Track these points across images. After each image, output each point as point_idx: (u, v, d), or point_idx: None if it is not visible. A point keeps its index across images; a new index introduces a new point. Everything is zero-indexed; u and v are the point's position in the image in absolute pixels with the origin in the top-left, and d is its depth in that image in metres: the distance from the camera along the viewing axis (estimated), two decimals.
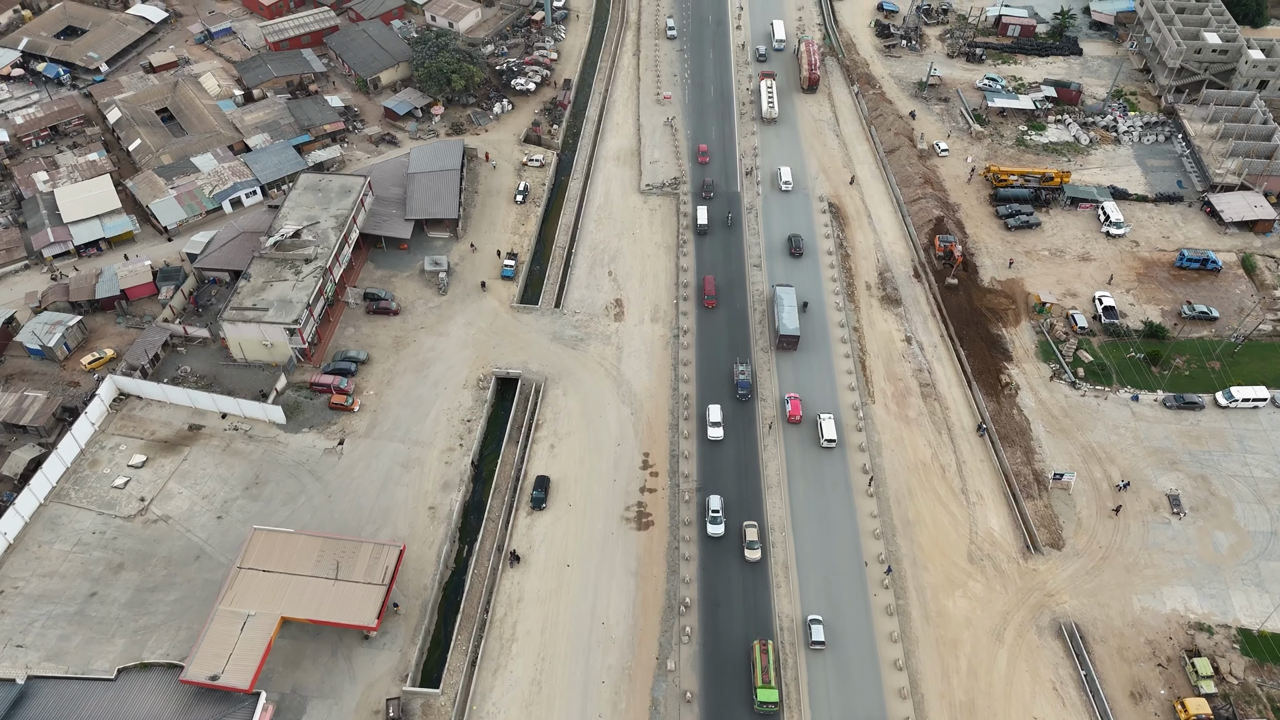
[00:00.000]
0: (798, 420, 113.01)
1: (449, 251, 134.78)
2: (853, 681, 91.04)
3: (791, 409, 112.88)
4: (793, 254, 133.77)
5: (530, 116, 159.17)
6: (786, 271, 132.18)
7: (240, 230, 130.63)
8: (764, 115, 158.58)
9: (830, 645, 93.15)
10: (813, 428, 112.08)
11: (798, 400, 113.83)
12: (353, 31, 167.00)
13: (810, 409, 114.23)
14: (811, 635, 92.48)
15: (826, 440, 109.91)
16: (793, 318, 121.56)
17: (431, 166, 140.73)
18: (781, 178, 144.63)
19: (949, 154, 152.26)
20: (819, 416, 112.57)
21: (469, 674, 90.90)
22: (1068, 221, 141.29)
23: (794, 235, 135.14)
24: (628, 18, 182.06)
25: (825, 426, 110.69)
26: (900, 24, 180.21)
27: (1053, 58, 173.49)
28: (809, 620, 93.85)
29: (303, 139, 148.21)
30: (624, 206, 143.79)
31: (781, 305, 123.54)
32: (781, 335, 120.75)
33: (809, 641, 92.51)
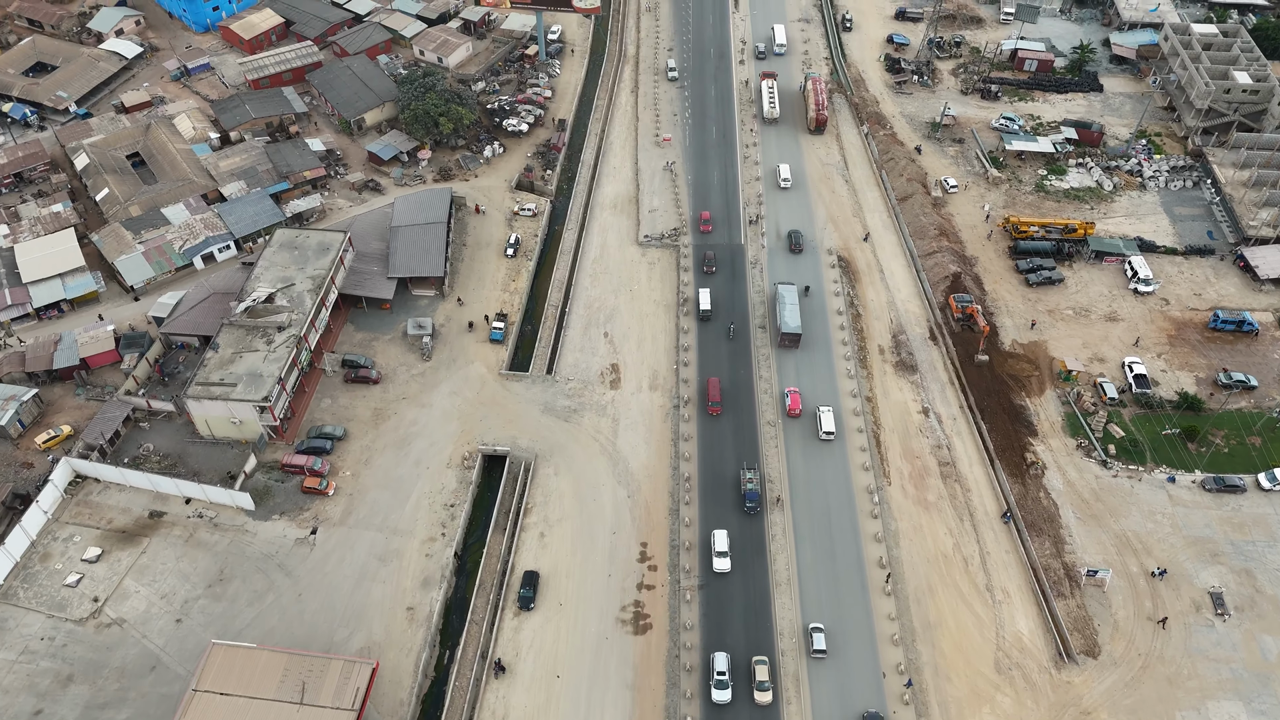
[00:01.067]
0: (797, 414, 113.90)
1: (434, 311, 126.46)
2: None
3: (791, 403, 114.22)
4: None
5: (523, 160, 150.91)
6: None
7: (211, 290, 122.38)
8: (765, 115, 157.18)
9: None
10: (827, 536, 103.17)
11: (797, 394, 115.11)
12: (336, 68, 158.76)
13: (820, 494, 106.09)
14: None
15: (825, 433, 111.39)
16: (794, 315, 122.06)
17: (416, 219, 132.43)
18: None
19: (958, 190, 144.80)
20: (818, 409, 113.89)
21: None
22: (1092, 277, 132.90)
23: (797, 285, 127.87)
24: (625, 51, 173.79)
25: (824, 419, 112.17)
26: (911, 58, 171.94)
27: (1072, 94, 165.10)
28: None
29: (281, 186, 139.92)
30: (621, 260, 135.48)
31: (784, 303, 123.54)
32: (783, 334, 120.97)
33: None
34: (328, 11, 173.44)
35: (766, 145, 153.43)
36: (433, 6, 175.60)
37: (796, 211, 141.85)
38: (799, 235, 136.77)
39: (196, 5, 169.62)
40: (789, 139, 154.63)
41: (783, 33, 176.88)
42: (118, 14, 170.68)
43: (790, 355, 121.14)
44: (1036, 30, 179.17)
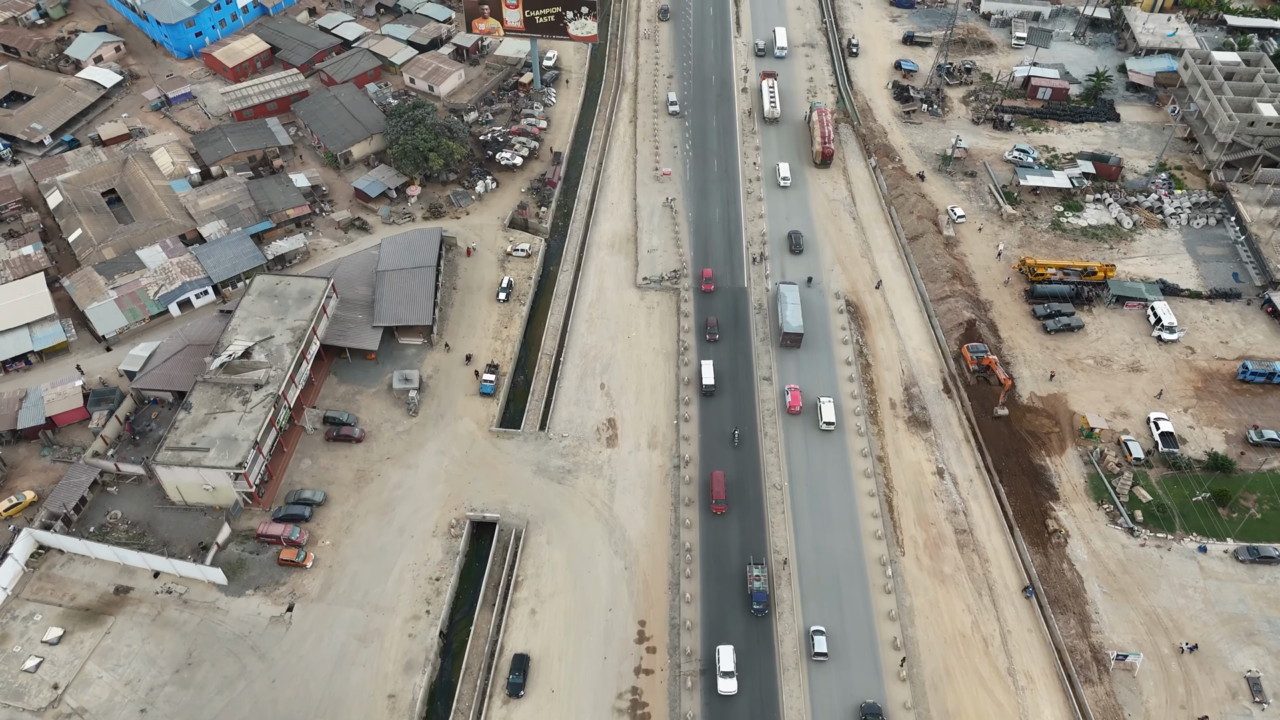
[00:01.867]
0: (797, 411, 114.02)
1: (422, 361, 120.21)
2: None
3: (791, 400, 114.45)
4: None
5: (516, 196, 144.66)
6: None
7: (186, 341, 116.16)
8: (765, 115, 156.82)
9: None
10: (837, 613, 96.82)
11: (797, 391, 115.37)
12: (323, 99, 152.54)
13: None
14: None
15: (825, 423, 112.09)
16: (796, 315, 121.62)
17: (404, 263, 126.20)
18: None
19: (965, 220, 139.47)
20: (819, 400, 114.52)
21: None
22: (1114, 323, 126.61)
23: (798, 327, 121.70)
24: (624, 78, 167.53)
25: (824, 410, 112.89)
26: (920, 86, 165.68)
27: (1088, 124, 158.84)
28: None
29: (263, 226, 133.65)
30: (619, 304, 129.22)
31: (785, 302, 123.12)
32: (785, 333, 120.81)
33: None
34: (315, 37, 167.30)
35: (770, 182, 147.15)
36: (424, 32, 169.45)
37: (802, 251, 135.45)
38: (799, 236, 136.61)
39: (178, 31, 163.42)
40: (794, 172, 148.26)
41: (784, 35, 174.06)
42: (97, 40, 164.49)
43: (796, 420, 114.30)
44: (1049, 55, 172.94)
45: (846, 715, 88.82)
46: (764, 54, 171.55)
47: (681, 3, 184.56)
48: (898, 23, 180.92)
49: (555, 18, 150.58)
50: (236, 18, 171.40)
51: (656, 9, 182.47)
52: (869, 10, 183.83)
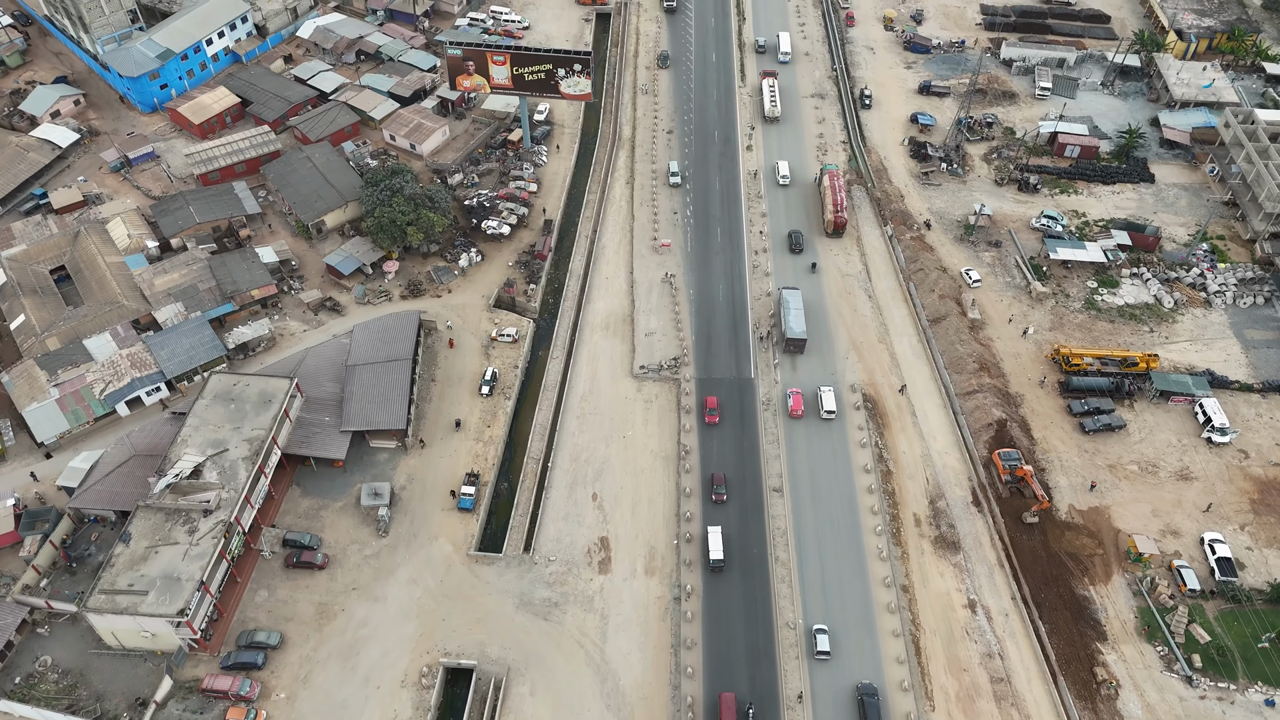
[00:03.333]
0: (799, 415, 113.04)
1: (395, 468, 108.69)
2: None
3: (794, 404, 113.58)
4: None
5: (503, 270, 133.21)
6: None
7: (132, 451, 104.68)
8: (766, 114, 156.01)
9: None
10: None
11: (799, 395, 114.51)
12: (295, 160, 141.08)
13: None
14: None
15: (826, 412, 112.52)
16: (799, 321, 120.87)
17: (376, 355, 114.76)
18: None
19: (981, 285, 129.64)
20: (819, 389, 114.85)
21: None
22: (1158, 421, 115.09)
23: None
24: (620, 134, 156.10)
25: (825, 399, 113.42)
26: (939, 142, 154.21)
27: (1120, 186, 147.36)
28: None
29: (225, 309, 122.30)
30: (613, 396, 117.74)
31: (788, 308, 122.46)
32: (789, 339, 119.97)
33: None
34: (289, 89, 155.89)
35: (778, 254, 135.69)
36: (406, 83, 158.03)
37: (813, 334, 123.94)
38: (799, 235, 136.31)
39: (142, 83, 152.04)
40: (804, 242, 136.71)
41: (787, 40, 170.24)
42: (55, 93, 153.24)
43: (810, 541, 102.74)
44: (1076, 107, 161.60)
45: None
46: (764, 50, 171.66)
47: (682, 48, 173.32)
48: (913, 70, 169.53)
49: (546, 75, 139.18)
50: (206, 67, 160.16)
51: (655, 55, 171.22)
52: (882, 56, 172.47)
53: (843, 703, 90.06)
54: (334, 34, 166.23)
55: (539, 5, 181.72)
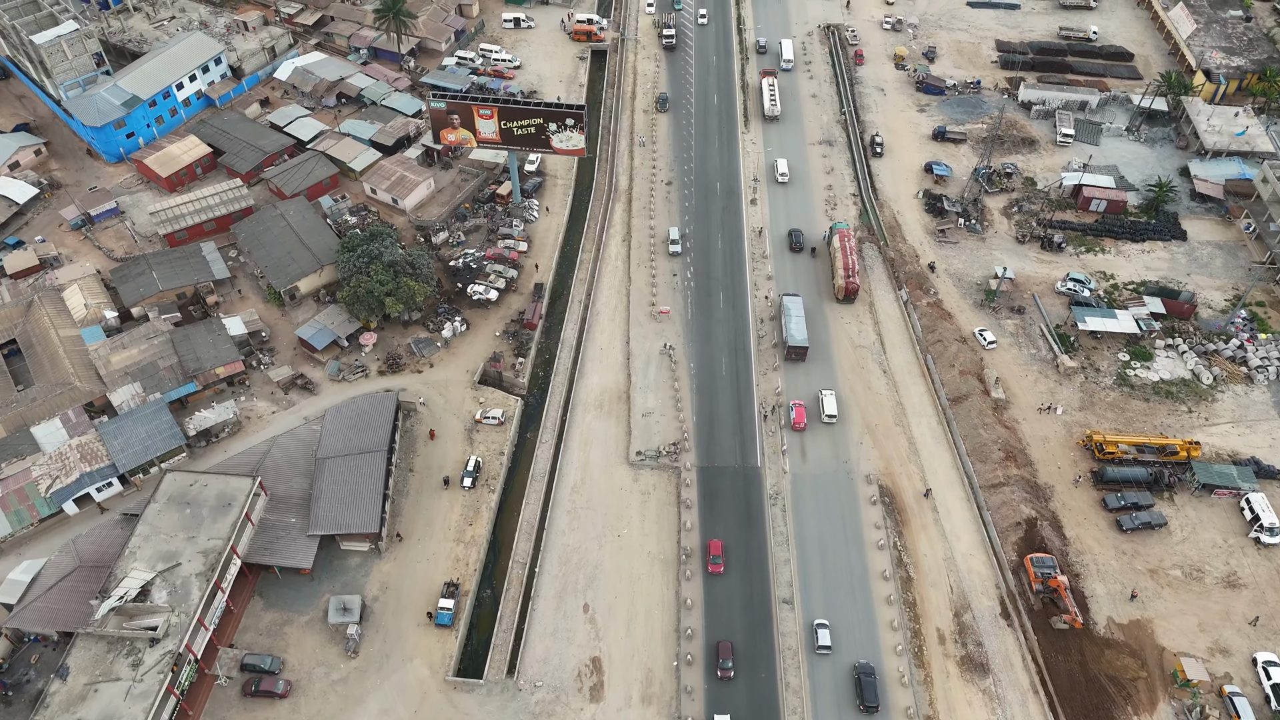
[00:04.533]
0: (802, 428, 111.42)
1: (367, 576, 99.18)
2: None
3: (796, 416, 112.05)
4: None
5: (489, 341, 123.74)
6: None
7: (78, 561, 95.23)
8: (765, 113, 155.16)
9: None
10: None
11: (802, 408, 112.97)
12: (268, 218, 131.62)
13: None
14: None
15: (828, 416, 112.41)
16: (801, 328, 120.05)
17: (349, 446, 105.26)
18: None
19: (996, 347, 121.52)
20: (820, 392, 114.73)
21: None
22: (1201, 518, 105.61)
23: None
24: (616, 185, 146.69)
25: (826, 402, 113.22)
26: (955, 194, 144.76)
27: (1150, 244, 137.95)
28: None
29: (187, 389, 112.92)
30: (607, 487, 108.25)
31: (789, 315, 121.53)
32: (790, 346, 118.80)
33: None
34: (264, 137, 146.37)
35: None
36: (389, 130, 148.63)
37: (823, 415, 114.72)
38: (799, 234, 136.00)
39: (106, 133, 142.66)
40: (813, 308, 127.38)
41: (790, 48, 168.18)
42: (14, 142, 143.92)
43: (825, 690, 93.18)
44: (1100, 153, 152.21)
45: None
46: (764, 50, 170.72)
47: (681, 90, 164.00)
48: (926, 113, 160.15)
49: (536, 129, 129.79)
50: (176, 113, 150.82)
51: (654, 98, 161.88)
52: (893, 98, 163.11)
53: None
54: (313, 76, 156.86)
55: (531, 42, 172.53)
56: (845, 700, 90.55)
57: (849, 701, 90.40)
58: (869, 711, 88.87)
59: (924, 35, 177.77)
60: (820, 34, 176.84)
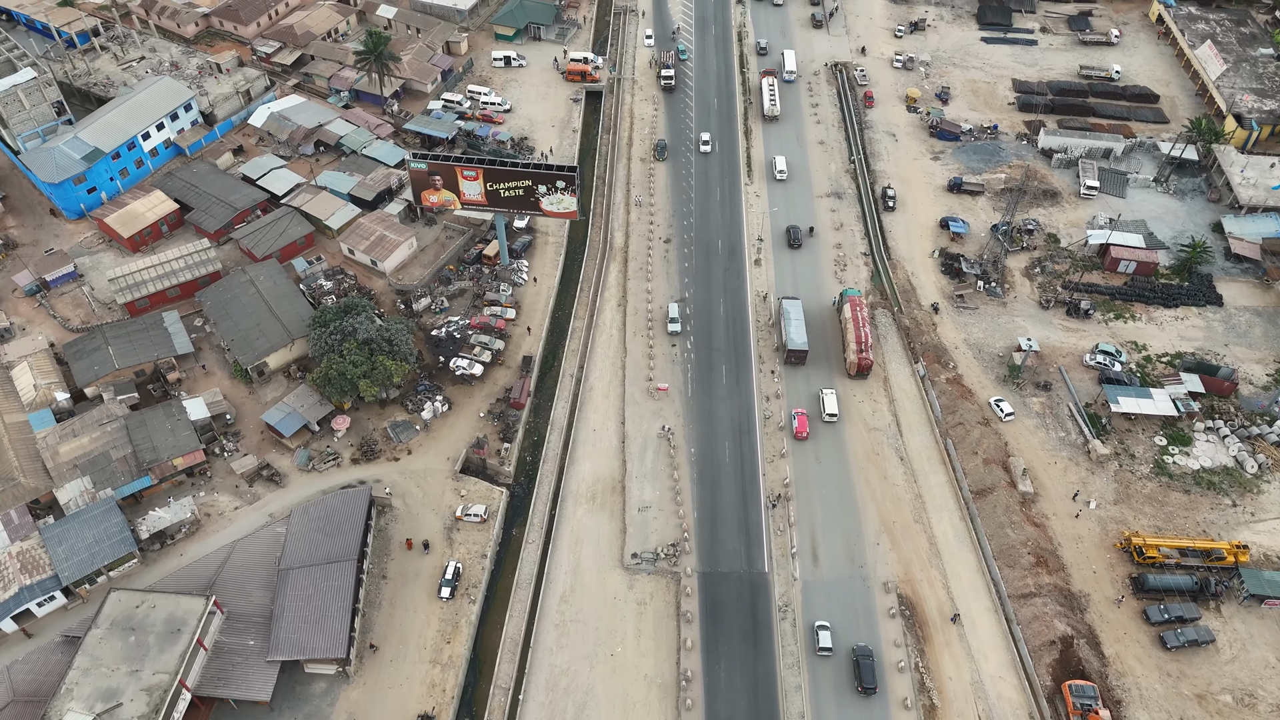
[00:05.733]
0: (804, 437, 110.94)
1: (333, 706, 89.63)
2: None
3: (799, 425, 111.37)
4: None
5: (473, 422, 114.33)
6: None
7: (11, 694, 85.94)
8: (765, 113, 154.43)
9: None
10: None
11: (804, 416, 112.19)
12: (236, 285, 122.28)
13: None
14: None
15: (828, 415, 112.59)
16: (800, 331, 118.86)
17: (315, 554, 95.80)
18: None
19: (1014, 419, 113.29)
20: (820, 390, 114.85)
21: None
22: (1252, 632, 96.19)
23: None
24: (611, 242, 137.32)
25: (826, 400, 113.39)
26: (974, 254, 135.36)
27: (1183, 309, 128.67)
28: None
29: (141, 484, 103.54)
30: (600, 595, 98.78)
31: (789, 318, 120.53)
32: (790, 350, 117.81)
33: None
34: (234, 192, 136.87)
35: (793, 397, 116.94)
36: (369, 182, 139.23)
37: (834, 507, 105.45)
38: (797, 231, 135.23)
39: (66, 188, 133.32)
40: (822, 385, 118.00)
41: (792, 59, 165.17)
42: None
43: None
44: (1126, 206, 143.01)
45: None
46: (765, 51, 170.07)
47: (681, 135, 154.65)
48: (940, 161, 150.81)
49: (525, 192, 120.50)
50: (142, 164, 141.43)
51: (652, 145, 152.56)
52: (905, 144, 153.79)
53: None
54: (289, 122, 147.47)
55: (522, 83, 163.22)
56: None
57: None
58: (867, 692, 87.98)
59: (937, 74, 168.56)
60: (828, 73, 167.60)
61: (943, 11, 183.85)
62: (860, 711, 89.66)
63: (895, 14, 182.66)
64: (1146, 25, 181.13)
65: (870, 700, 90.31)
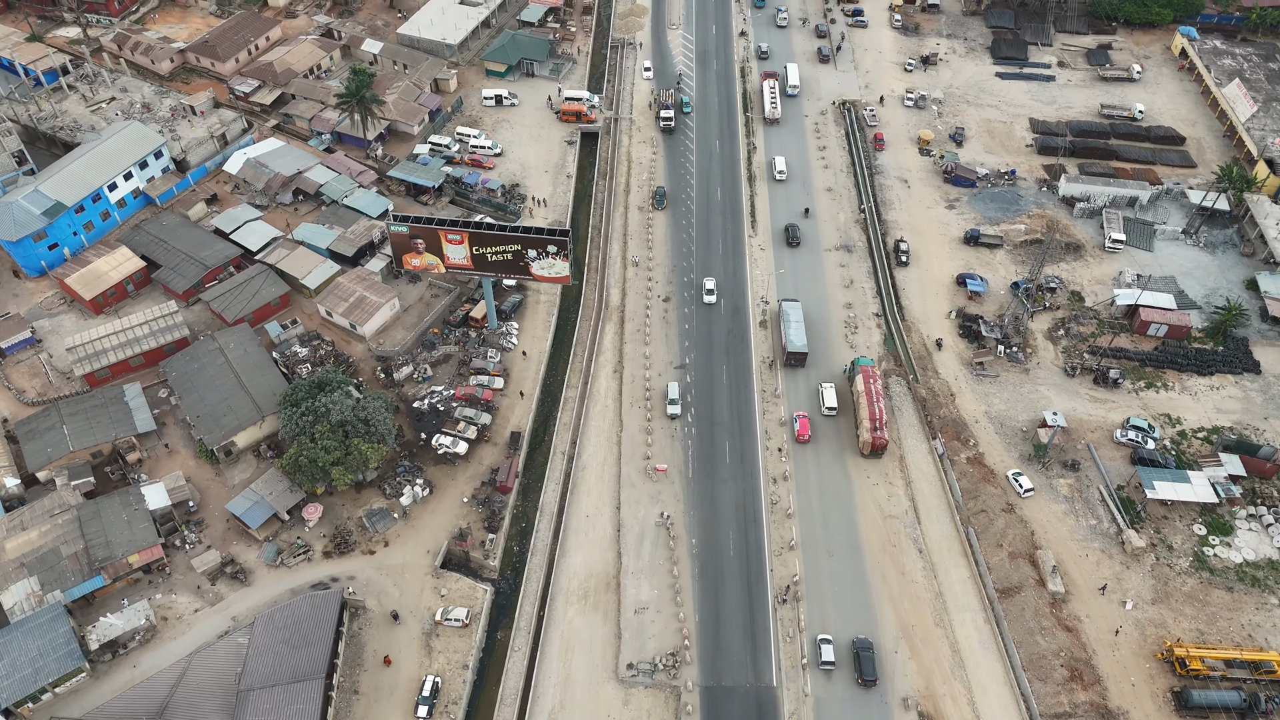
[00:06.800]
0: (806, 440, 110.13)
1: None
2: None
3: (800, 428, 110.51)
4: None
5: (456, 508, 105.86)
6: None
7: None
8: (766, 116, 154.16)
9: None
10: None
11: (806, 419, 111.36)
12: (204, 354, 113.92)
13: None
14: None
15: (827, 408, 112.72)
16: (800, 334, 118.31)
17: (281, 669, 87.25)
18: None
19: (1032, 494, 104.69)
20: (820, 385, 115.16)
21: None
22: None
23: None
24: (607, 300, 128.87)
25: (826, 395, 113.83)
26: (993, 315, 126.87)
27: (1219, 377, 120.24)
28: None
29: (93, 584, 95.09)
30: (592, 712, 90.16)
31: (789, 321, 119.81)
32: (789, 352, 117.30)
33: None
34: (206, 247, 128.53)
35: (803, 478, 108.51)
36: (350, 237, 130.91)
37: (849, 605, 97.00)
38: (796, 229, 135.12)
39: (25, 246, 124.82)
40: (832, 465, 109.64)
41: (796, 73, 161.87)
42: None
43: None
44: (1154, 260, 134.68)
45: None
46: (766, 57, 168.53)
47: (681, 181, 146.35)
48: (956, 210, 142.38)
49: (514, 256, 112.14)
50: (109, 216, 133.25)
51: (650, 192, 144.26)
52: (918, 191, 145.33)
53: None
54: (267, 169, 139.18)
55: (514, 124, 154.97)
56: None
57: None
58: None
59: (950, 113, 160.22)
60: (835, 112, 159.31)
61: (955, 44, 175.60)
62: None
63: (905, 47, 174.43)
64: (1169, 59, 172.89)
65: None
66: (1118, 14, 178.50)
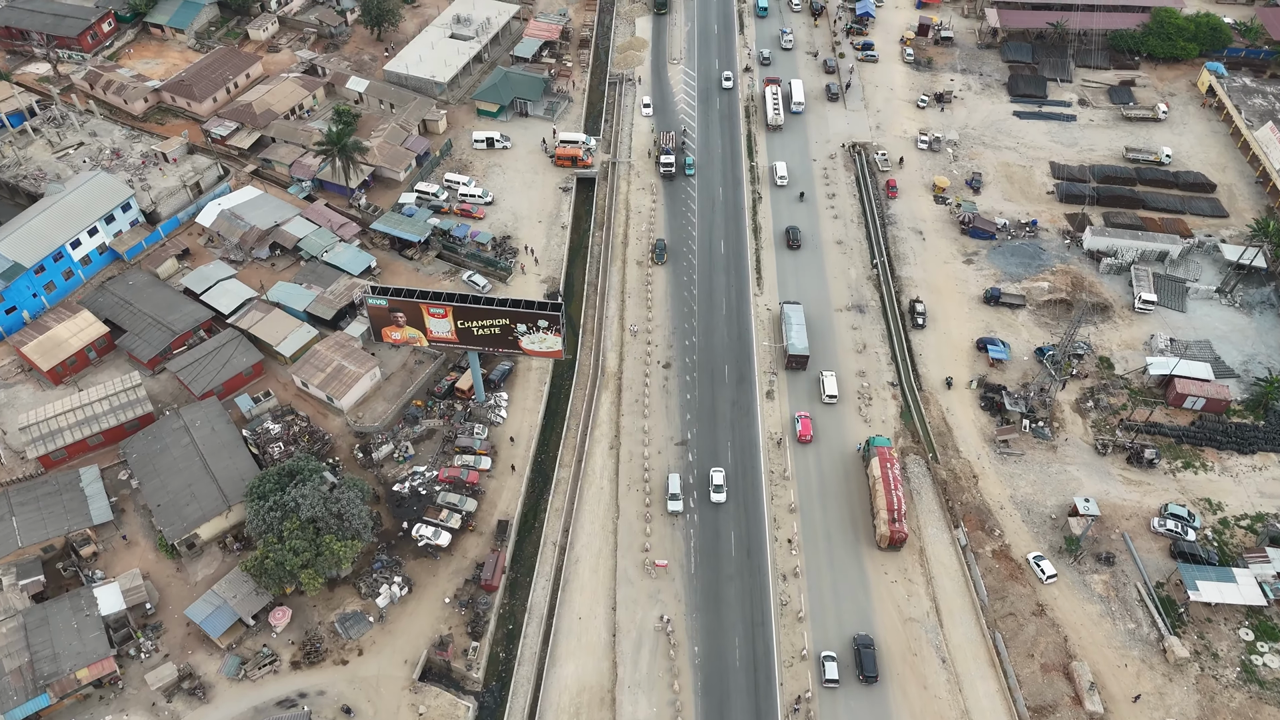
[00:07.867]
0: (808, 440, 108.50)
1: None
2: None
3: (802, 429, 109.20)
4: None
5: (437, 610, 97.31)
6: None
7: None
8: (769, 123, 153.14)
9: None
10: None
11: (809, 420, 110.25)
12: (167, 434, 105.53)
13: None
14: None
15: (828, 396, 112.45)
16: (801, 336, 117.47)
17: None
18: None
19: (1056, 581, 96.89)
20: (821, 373, 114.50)
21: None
22: None
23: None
24: (604, 366, 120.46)
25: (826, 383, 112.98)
26: (1016, 385, 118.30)
27: (1261, 456, 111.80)
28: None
29: (38, 703, 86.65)
30: None
31: (790, 323, 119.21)
32: (790, 355, 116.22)
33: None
34: (174, 309, 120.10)
35: (815, 574, 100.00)
36: (329, 298, 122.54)
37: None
38: (796, 230, 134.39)
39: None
40: (847, 560, 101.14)
41: (800, 89, 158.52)
42: None
43: None
44: (1187, 322, 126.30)
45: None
46: (768, 62, 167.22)
47: (683, 233, 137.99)
48: (974, 265, 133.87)
49: (502, 330, 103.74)
50: (72, 274, 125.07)
51: (650, 244, 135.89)
52: (934, 244, 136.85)
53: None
54: (242, 222, 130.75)
55: (506, 168, 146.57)
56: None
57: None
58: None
59: (965, 155, 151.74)
60: (845, 155, 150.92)
61: (970, 80, 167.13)
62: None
63: (918, 83, 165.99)
64: (1195, 95, 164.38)
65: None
66: (1141, 48, 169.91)
